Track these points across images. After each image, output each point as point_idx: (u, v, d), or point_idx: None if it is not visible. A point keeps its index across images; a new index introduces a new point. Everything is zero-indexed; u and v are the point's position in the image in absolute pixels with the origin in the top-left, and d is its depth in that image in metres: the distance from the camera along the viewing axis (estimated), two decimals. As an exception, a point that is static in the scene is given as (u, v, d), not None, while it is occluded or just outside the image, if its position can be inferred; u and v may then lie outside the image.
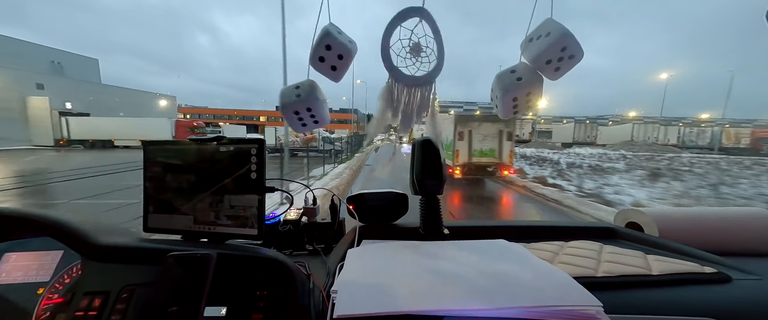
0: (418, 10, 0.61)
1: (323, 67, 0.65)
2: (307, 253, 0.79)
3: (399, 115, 0.67)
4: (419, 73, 0.65)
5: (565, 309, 0.44)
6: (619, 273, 0.58)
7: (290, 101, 0.66)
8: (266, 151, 0.60)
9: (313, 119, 0.68)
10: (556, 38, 0.56)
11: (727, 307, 0.50)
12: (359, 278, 0.54)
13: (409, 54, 0.65)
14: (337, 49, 0.63)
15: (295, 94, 0.66)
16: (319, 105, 0.67)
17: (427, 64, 0.64)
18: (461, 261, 0.62)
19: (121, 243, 0.57)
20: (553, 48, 0.57)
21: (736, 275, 0.58)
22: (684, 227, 0.82)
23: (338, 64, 0.65)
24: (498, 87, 0.63)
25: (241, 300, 0.49)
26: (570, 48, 0.57)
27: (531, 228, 0.88)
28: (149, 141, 0.64)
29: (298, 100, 0.65)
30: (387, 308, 0.45)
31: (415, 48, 0.64)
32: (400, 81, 0.66)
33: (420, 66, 0.65)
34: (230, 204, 0.59)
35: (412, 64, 0.65)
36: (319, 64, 0.65)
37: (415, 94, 0.66)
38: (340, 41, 0.62)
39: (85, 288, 0.52)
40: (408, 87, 0.66)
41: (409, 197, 0.84)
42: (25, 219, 0.60)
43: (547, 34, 0.57)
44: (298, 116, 0.67)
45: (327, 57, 0.63)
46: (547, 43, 0.57)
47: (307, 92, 0.65)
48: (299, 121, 0.68)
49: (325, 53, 0.63)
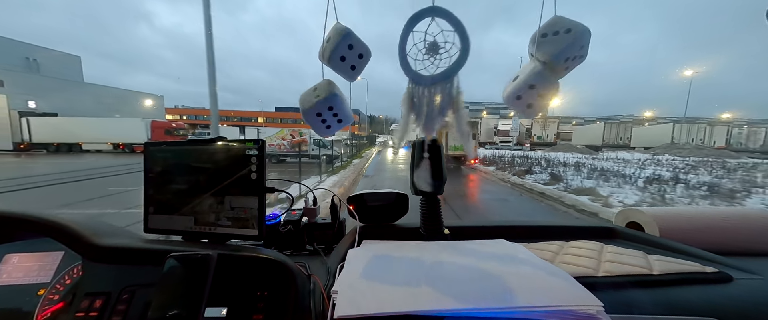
0: (428, 10, 0.60)
1: (342, 66, 0.64)
2: (308, 254, 0.78)
3: (422, 118, 0.64)
4: (439, 71, 0.62)
5: (566, 308, 0.44)
6: (620, 272, 0.58)
7: (310, 104, 0.65)
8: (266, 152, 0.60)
9: (337, 119, 0.67)
10: (578, 35, 0.56)
11: (728, 307, 0.50)
12: (360, 278, 0.54)
13: (427, 55, 0.63)
14: (359, 48, 0.63)
15: (314, 95, 0.65)
16: (339, 101, 0.65)
17: (447, 61, 0.62)
18: (462, 261, 0.61)
19: (121, 243, 0.57)
20: (575, 45, 0.56)
21: (737, 275, 0.58)
22: (685, 226, 0.81)
23: (358, 64, 0.65)
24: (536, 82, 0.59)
25: (242, 300, 0.49)
26: (585, 47, 0.57)
27: (531, 228, 0.88)
28: (150, 142, 0.64)
29: (317, 101, 0.64)
30: (387, 308, 0.45)
31: (431, 48, 0.62)
32: (421, 84, 0.63)
33: (439, 63, 0.62)
34: (231, 205, 0.59)
35: (431, 64, 0.63)
36: (338, 63, 0.64)
37: (436, 93, 0.63)
38: (361, 41, 0.62)
39: (85, 288, 0.53)
40: (428, 88, 0.63)
41: (409, 198, 0.83)
42: (26, 220, 0.60)
43: (566, 30, 0.56)
44: (321, 117, 0.65)
45: (348, 56, 0.63)
46: (571, 39, 0.56)
47: (325, 91, 0.64)
48: (323, 123, 0.67)
49: (346, 52, 0.63)
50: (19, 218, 0.60)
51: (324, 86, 0.65)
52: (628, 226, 0.90)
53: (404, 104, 0.65)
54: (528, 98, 0.58)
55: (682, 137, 24.09)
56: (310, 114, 0.64)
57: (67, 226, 0.58)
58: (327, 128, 0.67)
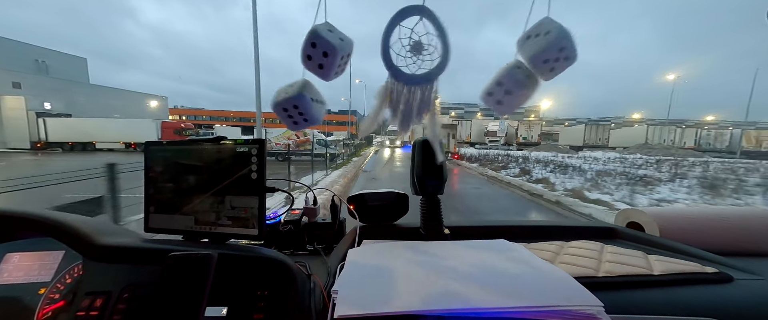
0: (418, 8, 0.60)
1: (310, 65, 0.64)
2: (308, 253, 0.79)
3: (398, 115, 0.64)
4: (420, 72, 0.63)
5: (566, 309, 0.44)
6: (620, 273, 0.58)
7: (279, 98, 0.65)
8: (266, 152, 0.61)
9: (303, 117, 0.66)
10: (555, 37, 0.55)
11: (728, 307, 0.50)
12: (360, 278, 0.55)
13: (410, 53, 0.62)
14: (322, 46, 0.62)
15: (284, 92, 0.65)
16: (305, 102, 0.64)
17: (429, 63, 0.62)
18: (462, 261, 0.62)
19: (122, 243, 0.57)
20: (552, 48, 0.56)
21: (737, 275, 0.58)
22: (685, 226, 0.82)
23: (324, 62, 0.63)
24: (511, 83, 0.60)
25: (242, 300, 0.49)
26: (567, 49, 0.57)
27: (532, 228, 0.89)
28: (151, 141, 0.64)
29: (286, 97, 0.64)
30: (387, 308, 0.45)
31: (415, 47, 0.62)
32: (400, 79, 0.63)
33: (421, 64, 0.63)
34: (231, 205, 0.59)
35: (413, 62, 0.63)
36: (306, 62, 0.64)
37: (415, 93, 0.63)
38: (325, 39, 0.61)
39: (86, 288, 0.53)
40: (407, 86, 0.63)
41: (409, 198, 0.84)
42: (26, 219, 0.60)
43: (546, 32, 0.57)
44: (287, 113, 0.66)
45: (313, 55, 0.63)
46: (547, 41, 0.56)
47: (296, 90, 0.65)
48: (289, 118, 0.67)
49: (311, 51, 0.62)
50: (19, 218, 0.60)
51: (298, 84, 0.65)
52: (628, 226, 0.90)
53: (378, 96, 0.65)
54: (497, 95, 0.59)
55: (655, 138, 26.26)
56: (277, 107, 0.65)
57: (68, 225, 0.58)
58: (294, 123, 0.67)
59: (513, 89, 0.58)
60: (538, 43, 0.56)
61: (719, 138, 28.25)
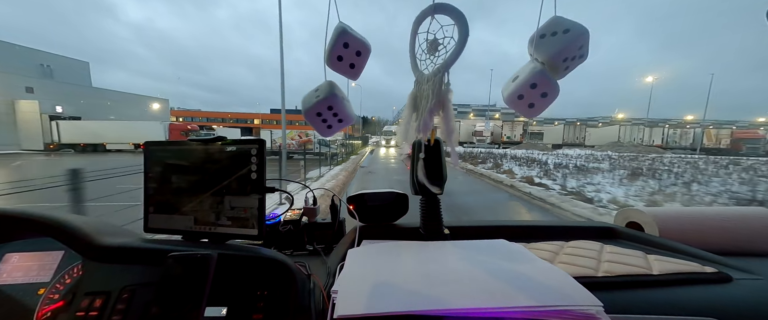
0: (427, 9, 0.61)
1: (341, 66, 0.66)
2: (308, 253, 0.79)
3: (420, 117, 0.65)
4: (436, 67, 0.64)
5: (566, 308, 0.44)
6: (620, 272, 0.58)
7: (310, 104, 0.66)
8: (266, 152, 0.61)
9: (337, 118, 0.67)
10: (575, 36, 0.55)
11: (728, 307, 0.50)
12: (360, 278, 0.55)
13: (427, 53, 0.64)
14: (355, 45, 0.63)
15: (315, 96, 0.66)
16: (338, 102, 0.65)
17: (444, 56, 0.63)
18: (461, 261, 0.62)
19: (121, 243, 0.57)
20: (572, 46, 0.56)
21: (737, 275, 0.58)
22: (685, 227, 0.82)
23: (356, 62, 0.65)
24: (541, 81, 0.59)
25: (242, 300, 0.49)
26: (584, 47, 0.57)
27: (531, 228, 0.89)
28: (150, 142, 0.64)
29: (317, 101, 0.65)
30: (387, 308, 0.45)
31: (431, 46, 0.63)
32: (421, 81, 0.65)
33: (437, 60, 0.64)
34: (231, 205, 0.59)
35: (431, 62, 0.64)
36: (337, 63, 0.65)
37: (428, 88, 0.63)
38: (357, 37, 0.63)
39: (85, 288, 0.52)
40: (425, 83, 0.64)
41: (409, 198, 0.84)
42: (26, 220, 0.60)
43: (564, 30, 0.56)
44: (321, 117, 0.66)
45: (345, 55, 0.64)
46: (568, 40, 0.55)
47: (325, 92, 0.65)
48: (323, 123, 0.67)
49: (343, 51, 0.63)
50: (18, 218, 0.60)
51: (325, 86, 0.65)
52: (627, 226, 0.90)
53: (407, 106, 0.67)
54: (530, 98, 0.57)
55: (627, 136, 28.74)
56: (310, 114, 0.65)
57: (67, 225, 0.58)
58: (328, 127, 0.67)
59: (549, 90, 0.56)
60: (559, 41, 0.56)
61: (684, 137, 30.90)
